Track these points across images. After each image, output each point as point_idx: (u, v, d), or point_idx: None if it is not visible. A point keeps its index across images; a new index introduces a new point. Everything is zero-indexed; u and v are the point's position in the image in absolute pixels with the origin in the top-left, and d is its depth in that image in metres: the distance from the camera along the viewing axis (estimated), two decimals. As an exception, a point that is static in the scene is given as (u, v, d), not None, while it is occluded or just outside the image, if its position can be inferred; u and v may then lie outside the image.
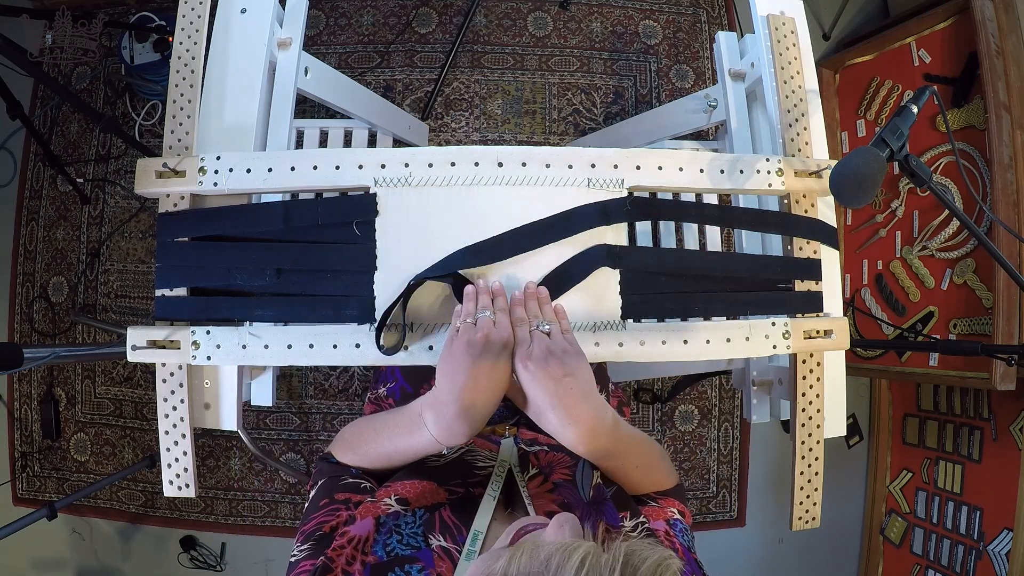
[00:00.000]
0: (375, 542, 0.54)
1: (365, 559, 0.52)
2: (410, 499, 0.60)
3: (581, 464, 0.64)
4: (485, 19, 2.05)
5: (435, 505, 0.59)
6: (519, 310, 0.66)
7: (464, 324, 0.63)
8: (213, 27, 0.96)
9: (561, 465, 0.66)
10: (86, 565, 1.96)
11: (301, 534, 0.58)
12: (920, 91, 0.83)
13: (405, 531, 0.56)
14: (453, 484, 0.63)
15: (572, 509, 0.60)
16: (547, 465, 0.67)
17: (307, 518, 0.60)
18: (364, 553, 0.53)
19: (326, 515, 0.59)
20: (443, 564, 0.53)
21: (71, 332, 1.99)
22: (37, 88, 2.06)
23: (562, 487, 0.63)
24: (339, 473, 0.65)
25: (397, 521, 0.57)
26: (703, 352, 0.86)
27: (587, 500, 0.61)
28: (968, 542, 1.69)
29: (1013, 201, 1.45)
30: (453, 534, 0.56)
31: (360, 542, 0.54)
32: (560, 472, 0.65)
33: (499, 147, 0.86)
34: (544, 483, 0.64)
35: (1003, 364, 1.37)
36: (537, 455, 0.68)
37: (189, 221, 0.86)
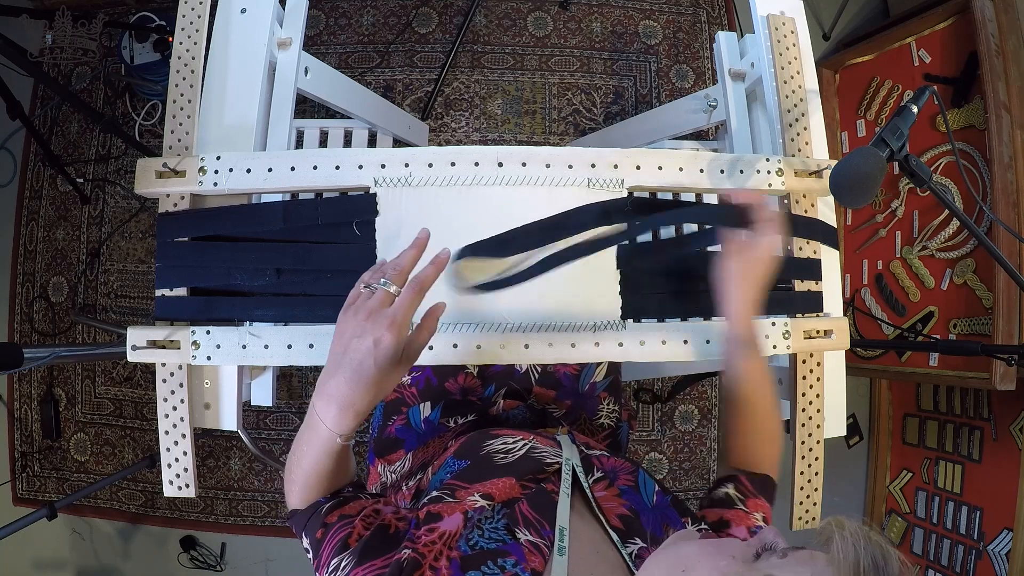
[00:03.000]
0: (460, 537, 0.54)
1: (451, 554, 0.52)
2: (495, 495, 0.59)
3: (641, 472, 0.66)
4: (485, 19, 2.05)
5: (511, 500, 0.59)
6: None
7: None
8: (213, 27, 0.96)
9: (624, 471, 0.66)
10: (86, 565, 1.96)
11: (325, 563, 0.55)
12: (920, 91, 0.83)
13: (486, 525, 0.55)
14: (527, 479, 0.62)
15: (639, 515, 0.60)
16: (611, 470, 0.66)
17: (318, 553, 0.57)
18: (450, 548, 0.52)
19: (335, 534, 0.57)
20: (535, 558, 0.52)
21: (71, 332, 1.99)
22: (37, 88, 2.06)
23: (627, 493, 0.63)
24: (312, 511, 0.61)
25: (480, 515, 0.56)
26: (703, 352, 0.86)
27: (651, 505, 0.62)
28: (968, 542, 1.69)
29: (1013, 201, 1.45)
30: (537, 529, 0.55)
31: (449, 537, 0.53)
32: (624, 479, 0.65)
33: (499, 147, 0.86)
34: (610, 487, 0.64)
35: (1003, 364, 1.37)
36: (600, 459, 0.68)
37: (189, 221, 0.86)
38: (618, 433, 0.98)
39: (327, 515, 0.59)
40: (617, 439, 0.98)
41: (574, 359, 0.85)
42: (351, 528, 0.56)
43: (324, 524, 0.58)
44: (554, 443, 0.70)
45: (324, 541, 0.57)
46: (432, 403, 0.90)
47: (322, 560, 0.56)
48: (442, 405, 0.90)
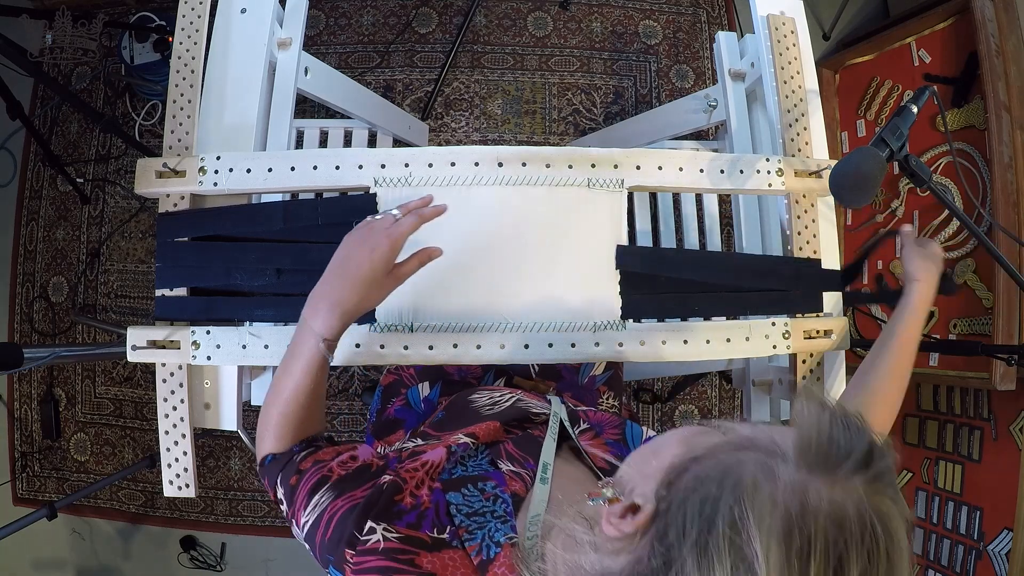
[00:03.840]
0: (443, 469, 0.55)
1: (433, 484, 0.53)
2: (479, 435, 0.61)
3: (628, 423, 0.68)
4: (485, 19, 2.05)
5: (497, 442, 0.61)
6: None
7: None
8: (213, 27, 0.96)
9: (610, 425, 0.68)
10: (86, 565, 1.96)
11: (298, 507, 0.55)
12: (920, 91, 0.83)
13: (469, 461, 0.58)
14: (512, 426, 0.65)
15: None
16: (597, 423, 0.69)
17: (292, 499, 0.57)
18: (432, 479, 0.54)
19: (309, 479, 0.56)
20: (516, 483, 0.54)
21: (71, 332, 1.99)
22: (37, 88, 2.06)
23: (613, 444, 0.65)
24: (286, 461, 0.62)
25: (464, 452, 0.58)
26: (703, 352, 0.86)
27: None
28: (968, 542, 1.69)
29: (1013, 201, 1.45)
30: (520, 463, 0.58)
31: (432, 467, 0.55)
32: (610, 432, 0.67)
33: (499, 147, 0.86)
34: (596, 438, 0.66)
35: (1003, 364, 1.37)
36: (587, 413, 0.70)
37: (189, 221, 0.86)
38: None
39: (301, 462, 0.59)
40: None
41: (574, 359, 0.85)
42: (328, 471, 0.56)
43: (299, 471, 0.58)
44: (543, 400, 0.72)
45: (299, 486, 0.57)
46: (431, 382, 0.91)
47: (298, 504, 0.55)
48: (440, 384, 0.90)
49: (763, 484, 0.37)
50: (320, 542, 0.51)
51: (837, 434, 0.38)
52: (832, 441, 0.38)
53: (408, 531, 0.49)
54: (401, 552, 0.48)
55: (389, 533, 0.49)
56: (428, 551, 0.48)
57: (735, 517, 0.36)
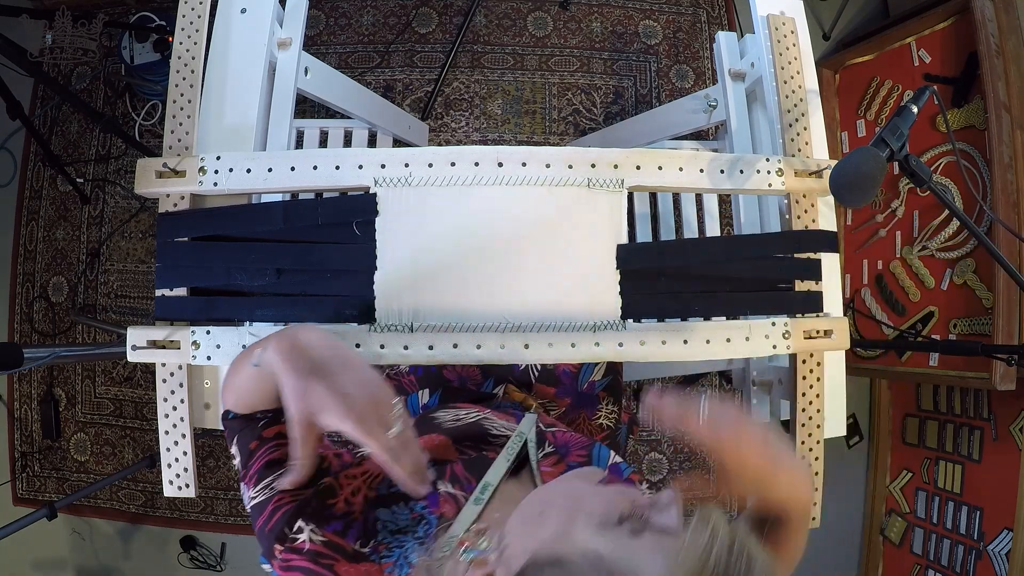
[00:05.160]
0: (382, 480, 0.55)
1: (368, 493, 0.54)
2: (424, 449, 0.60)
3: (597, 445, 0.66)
4: (485, 19, 2.05)
5: (446, 460, 0.60)
6: None
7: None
8: (213, 27, 0.96)
9: (577, 446, 0.67)
10: (86, 565, 1.96)
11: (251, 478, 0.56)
12: (920, 91, 0.83)
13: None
14: (465, 445, 0.64)
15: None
16: (563, 445, 0.67)
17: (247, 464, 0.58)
18: (370, 488, 0.54)
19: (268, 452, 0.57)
20: (448, 506, 0.54)
21: (71, 332, 1.99)
22: (37, 88, 2.06)
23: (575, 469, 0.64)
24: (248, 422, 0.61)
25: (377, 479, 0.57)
26: (703, 352, 0.86)
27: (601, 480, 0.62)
28: (968, 542, 1.69)
29: (1013, 201, 1.45)
30: (462, 484, 0.57)
31: (371, 477, 0.55)
32: (576, 454, 0.66)
33: (499, 147, 0.86)
34: (559, 463, 0.65)
35: (1003, 364, 1.37)
36: (554, 434, 0.69)
37: (189, 221, 0.86)
38: (616, 435, 0.98)
39: (264, 428, 0.59)
40: (615, 440, 0.98)
41: (574, 359, 0.85)
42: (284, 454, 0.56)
43: (260, 437, 0.58)
44: (512, 418, 0.71)
45: (256, 453, 0.57)
46: (431, 390, 0.91)
47: (251, 471, 0.56)
48: (440, 392, 0.90)
49: None
50: (260, 528, 0.52)
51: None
52: None
53: (333, 537, 0.50)
54: (323, 556, 0.49)
55: (315, 536, 0.50)
56: (347, 561, 0.49)
57: None
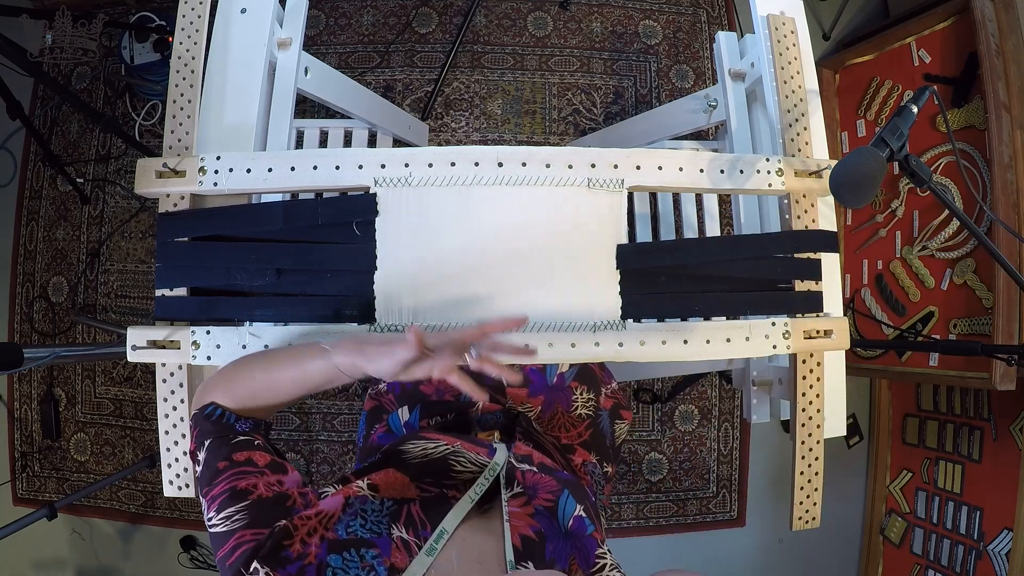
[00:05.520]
0: (339, 520, 0.55)
1: (326, 534, 0.54)
2: (380, 487, 0.60)
3: (565, 493, 0.64)
4: (485, 19, 2.05)
5: (405, 499, 0.60)
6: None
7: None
8: (213, 27, 0.96)
9: (545, 489, 0.65)
10: (86, 565, 1.96)
11: (213, 499, 0.56)
12: (920, 91, 0.83)
13: (370, 516, 0.57)
14: (426, 483, 0.63)
15: (545, 539, 0.59)
16: (531, 486, 0.65)
17: (211, 482, 0.58)
18: (327, 528, 0.54)
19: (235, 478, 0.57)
20: (399, 555, 0.54)
21: (71, 332, 1.99)
22: (37, 88, 2.06)
23: (540, 515, 0.62)
24: (225, 432, 0.62)
25: (364, 505, 0.57)
26: (703, 352, 0.86)
27: (565, 531, 0.61)
28: (968, 542, 1.69)
29: (1013, 201, 1.45)
30: (417, 528, 0.57)
31: (326, 517, 0.55)
32: (543, 497, 0.64)
33: (499, 147, 0.86)
34: (526, 505, 0.63)
35: (1003, 364, 1.37)
36: (524, 474, 0.67)
37: (189, 221, 0.86)
38: (599, 422, 0.97)
39: (235, 450, 0.60)
40: (598, 428, 0.97)
41: (574, 359, 0.85)
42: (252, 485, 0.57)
43: (231, 460, 0.59)
44: (483, 450, 0.69)
45: (223, 475, 0.57)
46: (409, 406, 0.89)
47: (214, 491, 0.56)
48: (419, 407, 0.89)
49: None
50: (220, 559, 0.53)
51: None
52: None
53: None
54: None
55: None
56: None
57: None
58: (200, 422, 0.64)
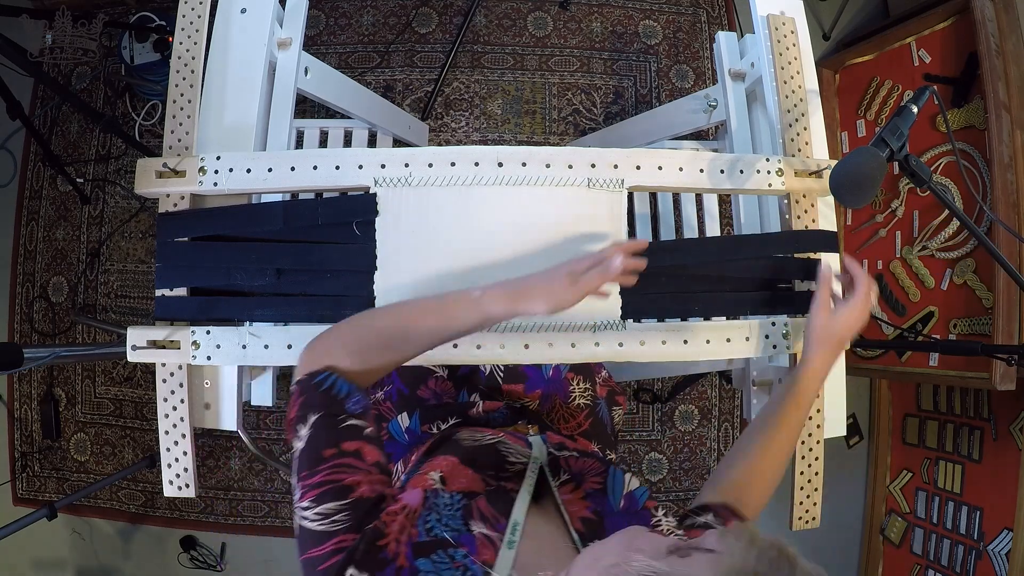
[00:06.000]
0: (419, 517, 0.54)
1: (412, 531, 0.52)
2: (448, 479, 0.60)
3: (611, 470, 0.65)
4: (485, 19, 2.05)
5: (471, 493, 0.59)
6: None
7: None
8: (213, 27, 0.96)
9: (592, 473, 0.66)
10: (86, 565, 1.96)
11: (311, 488, 0.53)
12: (920, 91, 0.83)
13: (444, 512, 0.55)
14: (487, 474, 0.63)
15: (603, 518, 0.60)
16: (578, 472, 0.66)
17: (313, 469, 0.54)
18: (412, 525, 0.52)
19: (342, 470, 0.54)
20: (487, 551, 0.52)
21: (71, 332, 1.99)
22: (37, 88, 2.06)
23: (593, 496, 0.63)
24: (335, 410, 0.58)
25: (437, 500, 0.56)
26: (703, 352, 0.86)
27: (618, 510, 0.61)
28: (968, 542, 1.69)
29: (1013, 201, 1.45)
30: (492, 523, 0.55)
31: (411, 513, 0.53)
32: (592, 481, 0.65)
33: (499, 147, 0.86)
34: (576, 490, 0.64)
35: (1003, 364, 1.37)
36: (567, 460, 0.68)
37: (189, 221, 0.86)
38: (597, 411, 0.98)
39: (345, 437, 0.56)
40: (598, 417, 0.97)
41: (575, 359, 0.85)
42: (355, 482, 0.54)
43: (339, 447, 0.55)
44: (525, 443, 0.70)
45: (329, 464, 0.54)
46: (408, 412, 0.89)
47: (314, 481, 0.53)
48: (419, 413, 0.89)
49: None
50: (311, 559, 0.50)
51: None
52: None
53: None
54: None
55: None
56: None
57: None
58: (308, 391, 0.59)
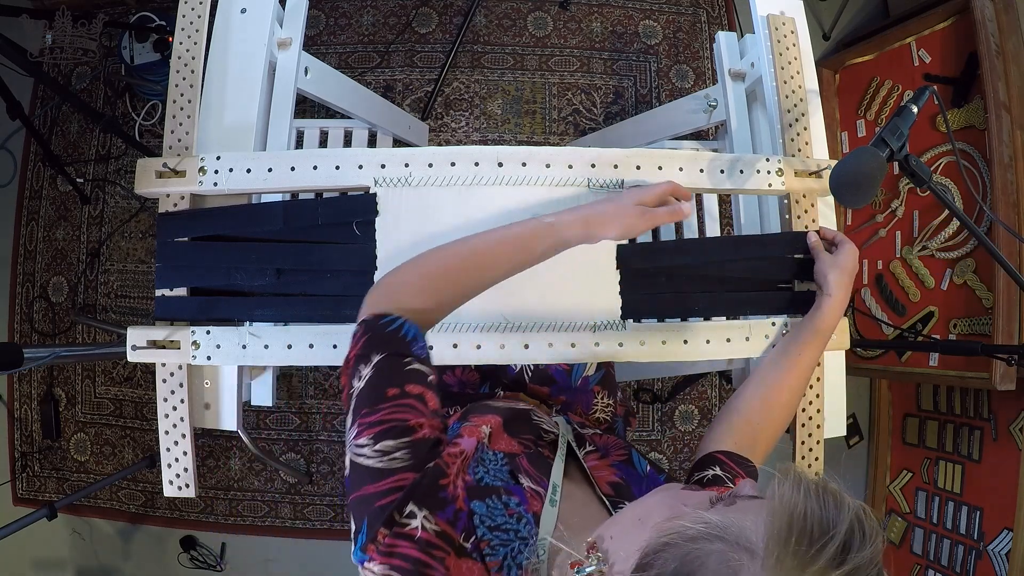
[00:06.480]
0: (472, 461, 0.54)
1: (465, 477, 0.52)
2: (493, 432, 0.61)
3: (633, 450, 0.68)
4: (485, 19, 2.05)
5: (512, 453, 0.60)
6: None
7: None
8: (213, 27, 0.96)
9: (616, 448, 0.68)
10: (86, 565, 1.96)
11: (370, 426, 0.51)
12: (920, 91, 0.83)
13: (490, 465, 0.56)
14: (525, 439, 0.64)
15: (631, 484, 0.61)
16: (603, 446, 0.69)
17: (374, 407, 0.52)
18: (464, 471, 0.52)
19: (405, 410, 0.52)
20: (536, 503, 0.53)
21: (71, 332, 1.99)
22: (37, 88, 2.06)
23: (619, 466, 0.64)
24: (401, 351, 0.55)
25: (483, 454, 0.57)
26: (703, 352, 0.86)
27: (644, 475, 0.63)
28: (968, 542, 1.69)
29: (1013, 201, 1.45)
30: (536, 480, 0.56)
31: (466, 457, 0.53)
32: (616, 454, 0.67)
33: (499, 147, 0.86)
34: (603, 459, 0.66)
35: (1003, 364, 1.37)
36: (591, 437, 0.70)
37: (189, 221, 0.86)
38: (614, 428, 0.99)
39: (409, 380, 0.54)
40: (616, 433, 0.98)
41: (574, 359, 0.85)
42: (421, 423, 0.52)
43: (403, 389, 0.53)
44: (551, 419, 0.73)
45: (391, 404, 0.52)
46: None
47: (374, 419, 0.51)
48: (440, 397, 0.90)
49: None
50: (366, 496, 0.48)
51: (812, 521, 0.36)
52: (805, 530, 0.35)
53: (446, 527, 0.47)
54: (436, 548, 0.46)
55: (428, 523, 0.46)
56: (456, 555, 0.46)
57: None
58: (374, 329, 0.57)
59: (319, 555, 1.89)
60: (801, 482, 0.38)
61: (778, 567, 0.35)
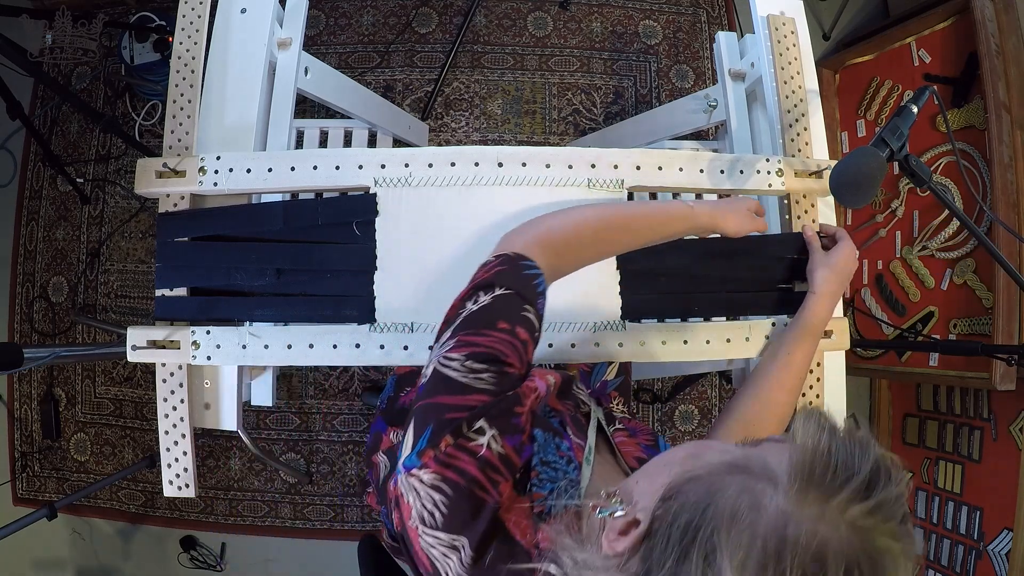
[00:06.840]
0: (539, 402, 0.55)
1: (535, 411, 0.54)
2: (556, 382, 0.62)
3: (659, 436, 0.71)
4: (485, 19, 2.05)
5: (557, 411, 0.61)
6: None
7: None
8: (213, 27, 0.96)
9: (643, 432, 0.70)
10: (86, 565, 1.96)
11: (468, 344, 0.51)
12: (920, 91, 0.83)
13: (544, 411, 0.57)
14: (567, 403, 0.65)
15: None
16: (631, 429, 0.71)
17: (480, 331, 0.53)
18: (535, 407, 0.54)
19: (507, 345, 0.52)
20: (579, 454, 0.55)
21: (71, 332, 1.99)
22: (37, 88, 2.06)
23: (645, 448, 0.66)
24: (528, 296, 0.56)
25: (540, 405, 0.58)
26: (703, 352, 0.86)
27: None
28: (968, 542, 1.69)
29: (1013, 201, 1.45)
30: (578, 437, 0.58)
31: (539, 397, 0.54)
32: (643, 438, 0.69)
33: (499, 147, 0.86)
34: (630, 437, 0.68)
35: (1003, 364, 1.37)
36: (621, 420, 0.73)
37: (189, 221, 0.86)
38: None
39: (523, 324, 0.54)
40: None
41: (574, 359, 0.85)
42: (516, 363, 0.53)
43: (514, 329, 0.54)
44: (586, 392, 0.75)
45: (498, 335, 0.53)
46: None
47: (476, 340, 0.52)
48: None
49: (743, 514, 0.35)
50: (433, 404, 0.48)
51: (836, 457, 0.36)
52: (829, 465, 0.36)
53: (511, 452, 0.47)
54: (493, 469, 0.46)
55: (495, 444, 0.46)
56: (511, 483, 0.47)
57: (709, 549, 0.35)
58: (514, 266, 0.58)
59: (319, 555, 1.89)
60: (826, 422, 0.39)
61: (800, 496, 0.35)
